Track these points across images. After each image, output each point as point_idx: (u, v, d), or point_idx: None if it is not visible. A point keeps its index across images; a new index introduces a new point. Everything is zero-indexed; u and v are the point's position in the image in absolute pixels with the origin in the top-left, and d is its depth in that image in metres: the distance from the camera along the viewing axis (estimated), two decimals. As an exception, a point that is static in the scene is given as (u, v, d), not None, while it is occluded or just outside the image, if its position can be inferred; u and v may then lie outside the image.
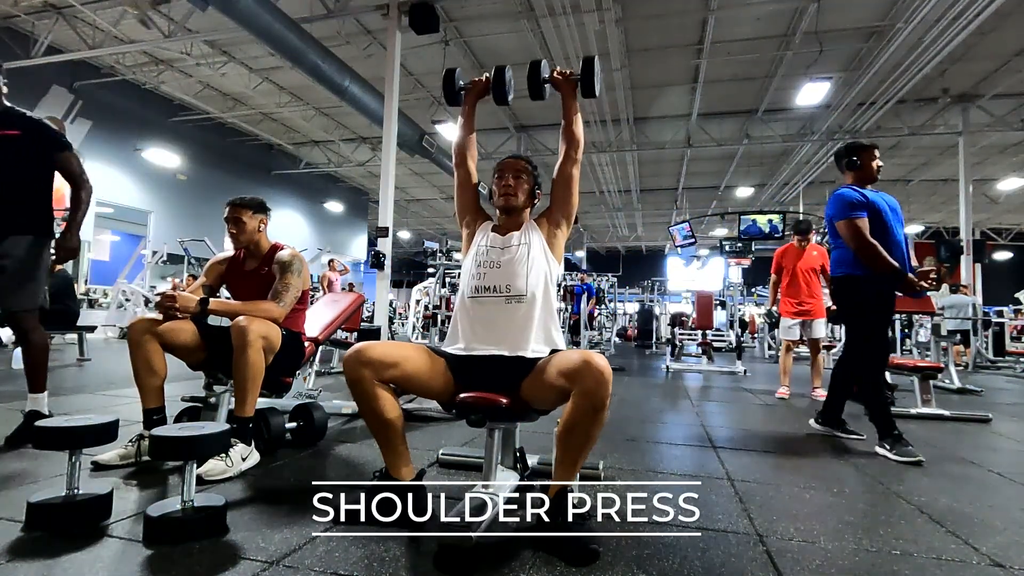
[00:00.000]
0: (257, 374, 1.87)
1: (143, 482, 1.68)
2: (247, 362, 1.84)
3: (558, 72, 1.73)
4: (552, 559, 1.22)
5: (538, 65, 1.72)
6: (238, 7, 5.90)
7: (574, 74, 1.71)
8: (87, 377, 4.23)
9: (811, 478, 2.01)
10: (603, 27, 7.04)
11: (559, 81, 1.72)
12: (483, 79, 1.79)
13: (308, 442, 2.21)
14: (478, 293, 1.58)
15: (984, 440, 2.84)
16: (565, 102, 1.70)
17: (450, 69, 1.79)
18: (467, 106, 1.81)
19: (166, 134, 11.53)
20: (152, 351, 1.89)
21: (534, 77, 1.71)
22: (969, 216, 9.93)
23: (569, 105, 1.69)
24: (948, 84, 9.05)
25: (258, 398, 2.16)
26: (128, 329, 1.93)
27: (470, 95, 1.80)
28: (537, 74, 1.71)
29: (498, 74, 1.75)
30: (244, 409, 1.86)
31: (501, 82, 1.75)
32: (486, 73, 1.78)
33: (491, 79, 1.76)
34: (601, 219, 19.31)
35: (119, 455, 1.81)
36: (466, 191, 1.80)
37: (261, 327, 1.89)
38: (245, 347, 1.83)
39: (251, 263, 2.25)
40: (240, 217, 2.17)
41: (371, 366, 1.35)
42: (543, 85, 1.74)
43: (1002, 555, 1.34)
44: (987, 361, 7.73)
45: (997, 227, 18.94)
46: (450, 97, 1.81)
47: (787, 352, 4.34)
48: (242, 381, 1.85)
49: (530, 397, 1.43)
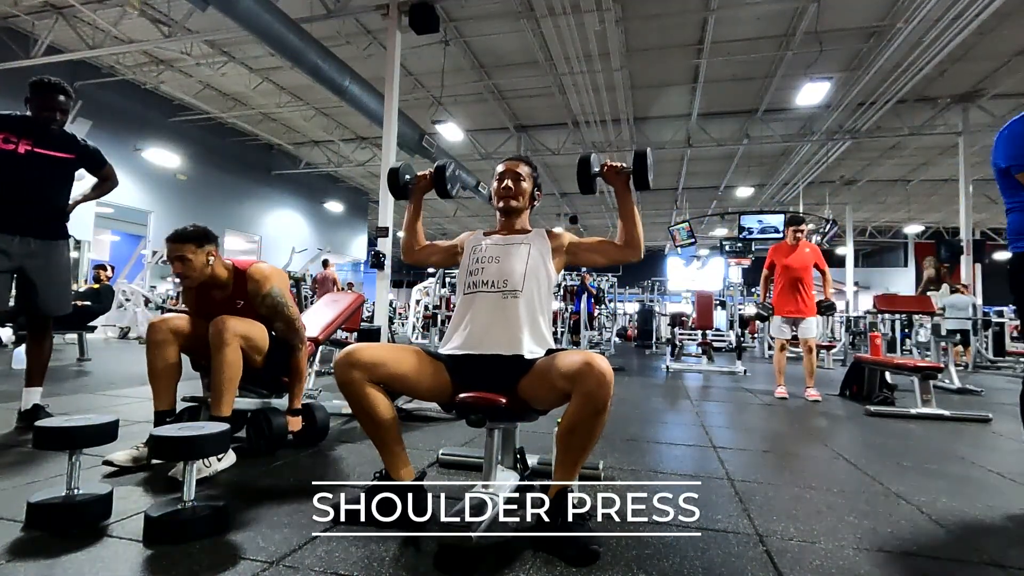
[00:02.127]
0: (234, 374, 1.85)
1: (143, 482, 1.68)
2: (223, 361, 1.82)
3: (608, 167, 1.62)
4: (552, 559, 1.22)
5: (587, 160, 1.60)
6: (238, 7, 5.90)
7: (625, 167, 1.59)
8: (87, 377, 4.23)
9: (811, 478, 2.01)
10: (603, 27, 7.03)
11: (610, 177, 1.60)
12: (427, 174, 1.74)
13: (309, 443, 2.21)
14: (475, 288, 1.59)
15: (984, 440, 2.84)
16: (619, 198, 1.61)
17: (393, 168, 1.74)
18: (414, 201, 1.77)
19: (166, 134, 11.53)
20: (171, 353, 1.88)
21: (584, 172, 1.61)
22: (969, 216, 9.93)
23: (624, 201, 1.60)
24: (948, 84, 9.06)
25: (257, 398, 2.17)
26: (149, 328, 1.93)
27: (417, 190, 1.76)
28: (587, 169, 1.60)
29: (439, 170, 1.71)
30: (220, 409, 1.83)
31: (442, 179, 1.71)
32: (429, 169, 1.74)
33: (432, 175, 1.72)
34: (601, 219, 19.32)
35: (132, 457, 1.78)
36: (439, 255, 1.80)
37: (239, 326, 1.89)
38: (222, 346, 1.82)
39: (218, 293, 2.06)
40: (184, 255, 1.91)
41: (362, 368, 1.35)
42: (594, 179, 1.62)
43: (1002, 555, 1.34)
44: (987, 361, 7.73)
45: (997, 227, 18.94)
46: (396, 192, 1.75)
47: (781, 351, 4.34)
48: (218, 381, 1.83)
49: (529, 397, 1.43)
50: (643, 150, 1.56)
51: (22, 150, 2.29)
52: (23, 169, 2.30)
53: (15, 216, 2.28)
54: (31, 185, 2.32)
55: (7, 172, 2.27)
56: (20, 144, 2.29)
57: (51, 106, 2.35)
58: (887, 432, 2.96)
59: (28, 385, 2.39)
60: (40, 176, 2.35)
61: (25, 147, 2.30)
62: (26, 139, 2.30)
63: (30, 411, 2.34)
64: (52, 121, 2.36)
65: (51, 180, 2.39)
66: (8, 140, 2.26)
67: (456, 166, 1.82)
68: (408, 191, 1.75)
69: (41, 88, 2.35)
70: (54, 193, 2.42)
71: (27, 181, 2.31)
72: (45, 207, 2.38)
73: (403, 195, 1.76)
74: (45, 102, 2.34)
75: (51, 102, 2.35)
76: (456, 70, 9.03)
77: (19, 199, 2.29)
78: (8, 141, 2.26)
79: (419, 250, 1.80)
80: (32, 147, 2.31)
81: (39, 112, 2.34)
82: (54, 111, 2.35)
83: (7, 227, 2.27)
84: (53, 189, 2.41)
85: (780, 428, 3.07)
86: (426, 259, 1.81)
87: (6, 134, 2.27)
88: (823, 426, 3.14)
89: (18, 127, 2.31)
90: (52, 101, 2.35)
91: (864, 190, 15.23)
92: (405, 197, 1.78)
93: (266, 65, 9.49)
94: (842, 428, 3.08)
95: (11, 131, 2.28)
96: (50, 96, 2.35)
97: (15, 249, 2.27)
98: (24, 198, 2.30)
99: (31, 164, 2.32)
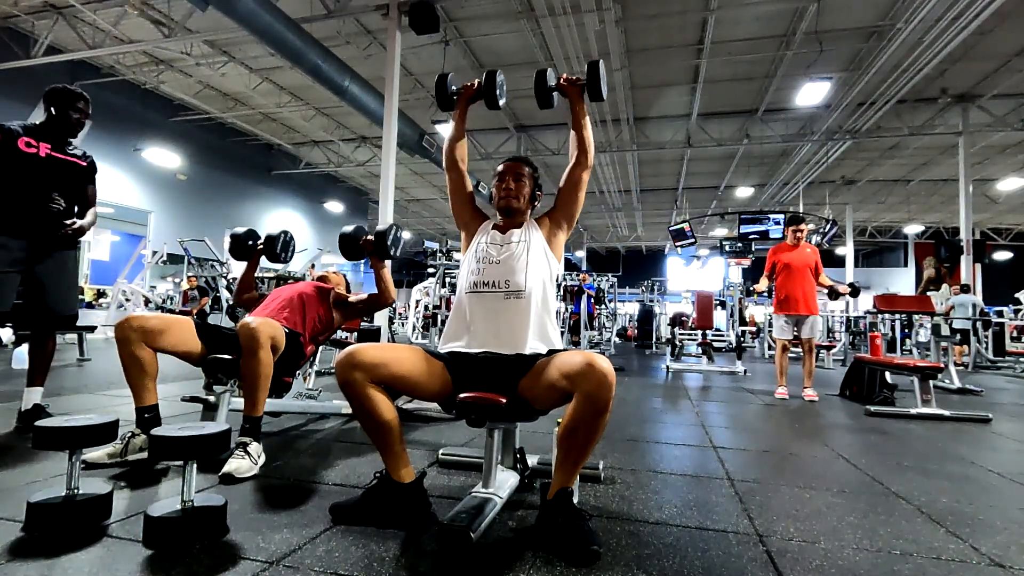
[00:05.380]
0: (268, 374, 1.90)
1: (143, 482, 1.68)
2: (259, 362, 1.86)
3: (564, 78, 1.73)
4: (552, 559, 1.22)
5: (544, 73, 1.73)
6: (238, 7, 5.90)
7: (580, 79, 1.71)
8: (87, 377, 4.23)
9: (811, 478, 2.01)
10: (603, 27, 7.03)
11: (565, 87, 1.73)
12: (474, 83, 1.80)
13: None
14: (476, 288, 1.59)
15: (984, 440, 2.84)
16: (573, 107, 1.71)
17: (443, 75, 1.82)
18: (459, 110, 1.82)
19: (166, 134, 11.52)
20: (138, 349, 1.86)
21: (541, 85, 1.72)
22: (969, 216, 9.92)
23: (577, 110, 1.71)
24: (948, 84, 9.06)
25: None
26: (114, 328, 1.92)
27: (462, 99, 1.81)
28: (544, 82, 1.72)
29: (489, 78, 1.76)
30: (256, 409, 1.89)
31: (492, 86, 1.75)
32: (478, 79, 1.79)
33: (482, 83, 1.77)
34: (601, 219, 19.31)
35: (107, 453, 1.81)
36: (460, 194, 1.81)
37: (269, 329, 1.91)
38: (256, 350, 1.85)
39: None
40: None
41: (362, 368, 1.35)
42: (551, 93, 1.74)
43: (1002, 555, 1.34)
44: (987, 361, 7.73)
45: (997, 227, 18.95)
46: (443, 102, 1.83)
47: (783, 352, 4.33)
48: (253, 382, 1.87)
49: (530, 397, 1.42)
50: (596, 60, 1.69)
51: (43, 154, 2.32)
52: (44, 173, 2.33)
53: (32, 219, 2.29)
54: (50, 189, 2.34)
55: (29, 176, 2.29)
56: (41, 148, 2.32)
57: (80, 110, 2.42)
58: (887, 432, 2.96)
59: (30, 385, 2.39)
60: (58, 181, 2.37)
61: (46, 151, 2.33)
62: (45, 143, 2.34)
63: (31, 411, 2.34)
64: (80, 125, 2.42)
65: (67, 185, 2.42)
66: (29, 144, 2.29)
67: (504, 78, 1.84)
68: (454, 101, 1.84)
69: (69, 94, 2.40)
70: (71, 199, 2.44)
71: (47, 185, 2.33)
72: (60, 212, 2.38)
73: (449, 105, 1.84)
74: (74, 106, 2.40)
75: (83, 106, 2.43)
76: (456, 70, 8.97)
77: (38, 202, 2.30)
78: (30, 145, 2.29)
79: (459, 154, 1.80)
80: (51, 151, 2.35)
81: (68, 114, 2.39)
82: (83, 115, 2.43)
83: (23, 230, 2.27)
84: (68, 194, 2.42)
85: (780, 428, 3.07)
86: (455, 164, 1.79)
87: (28, 138, 2.30)
88: (823, 426, 3.14)
89: (37, 132, 2.35)
90: (85, 105, 2.44)
91: (864, 190, 15.23)
92: (451, 108, 1.85)
93: (266, 65, 9.48)
94: (842, 428, 3.08)
95: (32, 135, 2.32)
96: (79, 101, 2.42)
97: (28, 251, 2.28)
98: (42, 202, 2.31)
99: (51, 168, 2.35)
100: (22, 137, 2.28)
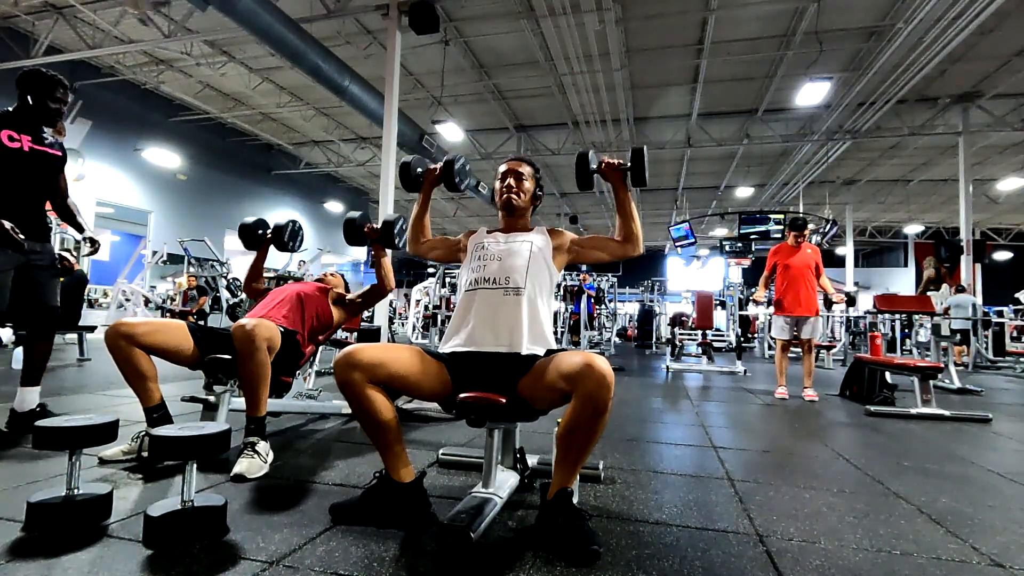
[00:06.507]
0: (266, 375, 1.90)
1: (143, 482, 1.68)
2: (256, 363, 1.86)
3: (606, 164, 1.66)
4: (552, 559, 1.22)
5: (586, 156, 1.65)
6: (238, 7, 5.90)
7: (623, 163, 1.65)
8: (87, 377, 4.23)
9: (811, 478, 2.01)
10: (603, 27, 7.03)
11: (607, 172, 1.66)
12: (437, 167, 1.80)
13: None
14: (477, 285, 1.60)
15: (984, 440, 2.84)
16: (616, 194, 1.66)
17: (405, 161, 1.83)
18: (423, 193, 1.85)
19: (166, 134, 11.53)
20: (130, 353, 1.86)
21: (583, 167, 1.66)
22: (969, 216, 9.93)
23: (621, 197, 1.65)
24: (948, 84, 9.06)
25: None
26: (104, 336, 1.90)
27: (427, 182, 1.82)
28: (586, 165, 1.65)
29: (448, 165, 1.77)
30: (259, 409, 1.90)
31: (450, 173, 1.76)
32: (439, 163, 1.80)
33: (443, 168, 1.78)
34: (601, 219, 19.31)
35: (122, 450, 1.87)
36: (445, 252, 1.86)
37: (264, 330, 1.91)
38: (253, 352, 1.85)
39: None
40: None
41: (361, 368, 1.35)
42: (592, 175, 1.68)
43: (1002, 555, 1.34)
44: (987, 361, 7.73)
45: (997, 227, 18.95)
46: (408, 184, 1.83)
47: (783, 352, 4.34)
48: (251, 383, 1.87)
49: (530, 397, 1.42)
50: (640, 147, 1.61)
51: (26, 148, 2.19)
52: (27, 167, 2.20)
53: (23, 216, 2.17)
54: (34, 184, 2.23)
55: (15, 171, 2.17)
56: (23, 141, 2.18)
57: (59, 99, 2.25)
58: (887, 432, 2.96)
59: (26, 384, 2.30)
60: (39, 174, 2.26)
61: (28, 144, 2.20)
62: (26, 135, 2.19)
63: (36, 412, 2.28)
64: (60, 115, 2.26)
65: (47, 178, 2.30)
66: (12, 138, 2.15)
67: (466, 161, 1.87)
68: (419, 183, 1.83)
69: (47, 81, 2.22)
70: (48, 192, 2.34)
71: (30, 179, 2.22)
72: (42, 206, 2.31)
73: (414, 187, 1.84)
74: (52, 95, 2.22)
75: (62, 94, 2.26)
76: (456, 70, 9.03)
77: (26, 198, 2.21)
78: (12, 139, 2.15)
79: (424, 242, 1.86)
80: (32, 144, 2.21)
81: (46, 104, 2.22)
82: (61, 104, 2.26)
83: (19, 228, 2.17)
84: (48, 188, 2.32)
85: (780, 428, 3.07)
86: (428, 252, 1.86)
87: (9, 131, 2.14)
88: (823, 426, 3.14)
89: (16, 123, 2.19)
90: (63, 93, 2.26)
91: (864, 190, 15.23)
92: (416, 189, 1.85)
93: (266, 65, 9.49)
94: (842, 428, 3.08)
95: (12, 128, 2.16)
96: (57, 89, 2.24)
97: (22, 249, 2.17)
98: (30, 197, 2.23)
99: (33, 162, 2.22)
100: (4, 130, 2.14)
